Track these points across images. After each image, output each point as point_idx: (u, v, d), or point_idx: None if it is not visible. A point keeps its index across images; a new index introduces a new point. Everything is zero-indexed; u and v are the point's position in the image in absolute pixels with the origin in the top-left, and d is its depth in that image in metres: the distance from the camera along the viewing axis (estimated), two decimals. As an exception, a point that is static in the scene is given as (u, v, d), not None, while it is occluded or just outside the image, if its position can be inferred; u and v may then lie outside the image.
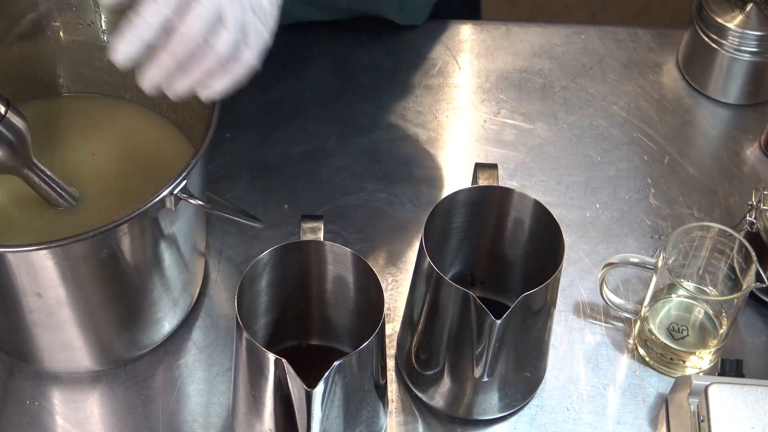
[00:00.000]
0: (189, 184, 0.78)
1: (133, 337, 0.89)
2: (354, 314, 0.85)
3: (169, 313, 0.90)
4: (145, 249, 0.81)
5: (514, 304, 0.77)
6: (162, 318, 0.89)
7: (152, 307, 0.87)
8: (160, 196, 0.76)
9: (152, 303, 0.87)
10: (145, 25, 0.70)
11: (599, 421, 0.90)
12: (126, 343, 0.89)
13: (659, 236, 1.02)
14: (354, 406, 0.79)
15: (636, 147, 1.09)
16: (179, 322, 0.92)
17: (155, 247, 0.82)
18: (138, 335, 0.89)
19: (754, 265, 0.87)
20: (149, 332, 0.90)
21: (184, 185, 0.77)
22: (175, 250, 0.85)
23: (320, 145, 1.08)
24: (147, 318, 0.88)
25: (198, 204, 0.79)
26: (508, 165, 1.07)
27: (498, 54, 1.17)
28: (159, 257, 0.83)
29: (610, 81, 1.15)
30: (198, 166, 0.80)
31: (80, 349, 0.87)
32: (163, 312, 0.89)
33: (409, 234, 1.01)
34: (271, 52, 0.81)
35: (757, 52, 1.08)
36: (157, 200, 0.76)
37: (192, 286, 0.93)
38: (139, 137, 0.95)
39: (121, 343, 0.89)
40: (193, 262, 0.90)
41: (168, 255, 0.84)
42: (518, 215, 0.86)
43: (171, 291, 0.88)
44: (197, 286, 0.94)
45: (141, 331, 0.89)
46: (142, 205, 0.76)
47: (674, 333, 0.92)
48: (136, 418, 0.89)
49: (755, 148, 1.10)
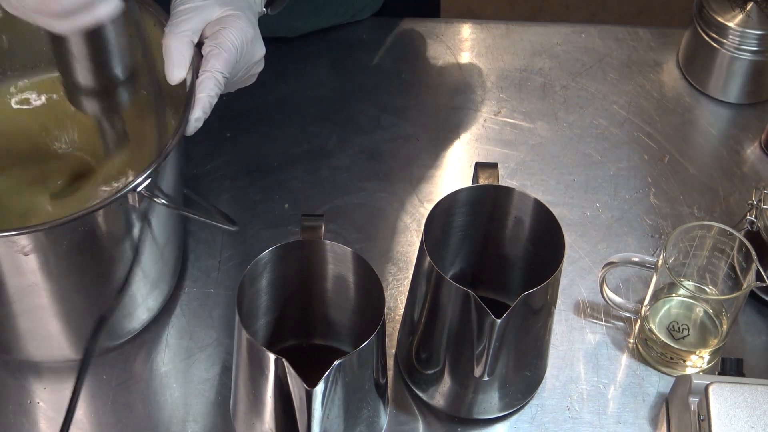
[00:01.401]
0: (159, 182, 0.79)
1: (110, 326, 0.89)
2: (354, 314, 0.85)
3: (145, 302, 0.90)
4: (113, 240, 0.82)
5: (515, 304, 0.77)
6: (137, 308, 0.90)
7: (127, 296, 0.87)
8: (121, 194, 0.77)
9: (126, 292, 0.87)
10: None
11: (599, 420, 0.90)
12: (104, 331, 0.90)
13: (659, 235, 1.02)
14: (354, 406, 0.79)
15: (636, 146, 1.09)
16: (158, 311, 0.93)
17: (123, 239, 0.83)
18: (114, 324, 0.89)
19: (754, 264, 0.87)
20: (125, 321, 0.90)
21: (148, 183, 0.78)
22: (149, 241, 0.85)
23: (320, 145, 1.08)
24: (122, 307, 0.88)
25: (163, 203, 0.80)
26: (509, 164, 1.07)
27: (498, 53, 1.17)
28: (128, 249, 0.84)
29: (610, 80, 1.15)
30: (170, 165, 0.80)
31: (58, 337, 0.87)
32: (138, 301, 0.89)
33: (409, 233, 1.01)
34: (271, 53, 0.81)
35: (758, 51, 1.08)
36: (119, 196, 0.77)
37: (167, 276, 0.93)
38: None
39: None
40: (167, 252, 0.90)
41: (141, 246, 0.85)
42: (518, 214, 0.86)
43: (145, 281, 0.88)
44: (174, 277, 0.95)
45: (117, 319, 0.89)
46: (101, 202, 0.76)
47: (674, 332, 0.92)
48: (132, 415, 0.89)
49: (755, 147, 1.10)
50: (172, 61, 0.82)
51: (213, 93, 0.83)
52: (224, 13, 0.84)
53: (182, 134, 0.81)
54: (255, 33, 0.86)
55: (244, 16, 0.85)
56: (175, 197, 0.85)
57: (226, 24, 0.84)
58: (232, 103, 0.97)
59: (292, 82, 1.13)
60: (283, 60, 1.14)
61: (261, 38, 0.87)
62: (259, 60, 0.88)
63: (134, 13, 0.85)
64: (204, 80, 0.82)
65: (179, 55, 0.83)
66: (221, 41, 0.83)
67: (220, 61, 0.83)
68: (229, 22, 0.84)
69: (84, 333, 0.88)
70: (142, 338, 0.93)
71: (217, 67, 0.82)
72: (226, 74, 0.83)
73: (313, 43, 1.16)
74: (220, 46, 0.83)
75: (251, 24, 0.85)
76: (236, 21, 0.84)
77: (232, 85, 0.88)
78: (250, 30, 0.85)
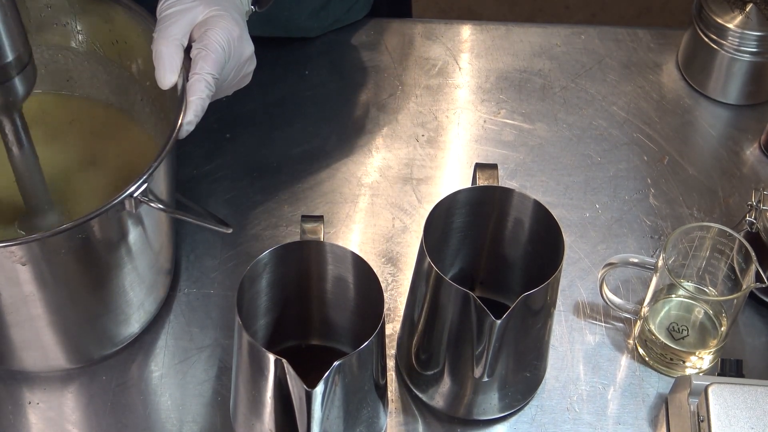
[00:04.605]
0: (153, 187, 0.79)
1: (104, 334, 0.90)
2: (354, 314, 0.85)
3: (142, 306, 0.90)
4: (109, 247, 0.82)
5: (514, 304, 0.77)
6: (133, 313, 0.90)
7: (121, 304, 0.88)
8: (119, 199, 0.77)
9: (123, 297, 0.87)
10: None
11: (599, 421, 0.90)
12: (97, 339, 0.90)
13: (659, 236, 1.02)
14: (354, 406, 0.79)
15: (636, 147, 1.09)
16: (155, 314, 0.93)
17: (118, 245, 0.83)
18: (111, 329, 0.90)
19: (753, 265, 0.87)
20: (122, 327, 0.90)
21: (145, 188, 0.78)
22: (144, 246, 0.85)
23: (320, 145, 1.08)
24: (116, 315, 0.88)
25: (159, 208, 0.80)
26: (508, 165, 1.07)
27: (498, 54, 1.18)
28: (123, 255, 0.84)
29: (610, 81, 1.15)
30: (163, 169, 0.81)
31: (51, 347, 0.87)
32: (132, 309, 0.89)
33: (409, 234, 1.01)
34: (271, 53, 0.81)
35: (757, 53, 1.08)
36: (116, 202, 0.77)
37: (163, 279, 0.93)
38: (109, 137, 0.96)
39: (92, 340, 0.90)
40: (162, 256, 0.90)
41: (136, 251, 0.85)
42: (518, 215, 0.86)
43: (142, 285, 0.88)
44: (170, 279, 0.95)
45: (114, 325, 0.89)
46: (100, 208, 0.77)
47: (674, 333, 0.92)
48: (132, 416, 0.89)
49: (755, 148, 1.10)
50: (164, 66, 0.83)
51: (204, 95, 0.83)
52: (209, 14, 0.85)
53: (176, 138, 0.81)
54: (241, 31, 0.86)
55: (229, 16, 0.85)
56: (169, 201, 0.85)
57: (212, 25, 0.84)
58: (232, 103, 0.97)
59: (292, 82, 1.13)
60: (283, 60, 1.14)
61: (248, 36, 0.87)
62: (249, 58, 0.88)
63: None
64: (194, 83, 0.82)
65: (170, 59, 0.83)
66: (207, 43, 0.83)
67: (208, 63, 0.83)
68: (214, 22, 0.84)
69: (79, 342, 0.89)
70: (141, 339, 0.93)
71: (206, 68, 0.83)
72: (216, 75, 0.83)
73: (313, 44, 1.16)
74: (207, 47, 0.83)
75: (237, 23, 0.85)
76: (221, 21, 0.84)
77: (227, 87, 0.88)
78: (236, 29, 0.85)
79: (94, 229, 0.79)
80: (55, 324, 0.85)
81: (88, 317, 0.87)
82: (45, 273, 0.79)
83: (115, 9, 0.90)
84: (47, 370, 0.91)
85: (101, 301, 0.86)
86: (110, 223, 0.80)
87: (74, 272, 0.82)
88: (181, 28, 0.84)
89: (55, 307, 0.83)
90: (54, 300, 0.83)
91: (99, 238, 0.80)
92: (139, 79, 0.93)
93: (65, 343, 0.88)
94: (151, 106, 0.94)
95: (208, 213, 0.86)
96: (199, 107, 0.82)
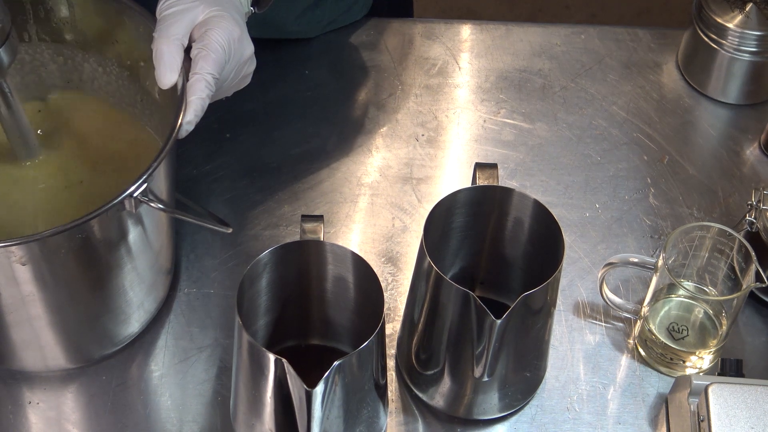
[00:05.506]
0: (153, 187, 0.79)
1: (104, 334, 0.89)
2: (354, 314, 0.85)
3: (141, 306, 0.90)
4: (109, 247, 0.82)
5: (514, 304, 0.77)
6: (133, 313, 0.90)
7: (121, 303, 0.87)
8: (119, 199, 0.77)
9: (123, 297, 0.87)
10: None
11: (599, 421, 0.90)
12: (97, 339, 0.90)
13: (659, 236, 1.02)
14: (354, 406, 0.79)
15: (636, 147, 1.09)
16: (155, 313, 0.93)
17: (118, 245, 0.82)
18: (108, 332, 0.89)
19: (753, 264, 0.87)
20: (122, 326, 0.90)
21: (145, 188, 0.78)
22: (144, 246, 0.85)
23: (320, 145, 1.08)
24: (116, 315, 0.88)
25: (159, 208, 0.80)
26: (508, 165, 1.07)
27: (498, 54, 1.18)
28: (123, 255, 0.84)
29: (609, 81, 1.15)
30: (163, 168, 0.81)
31: (51, 347, 0.87)
32: (132, 309, 0.89)
33: (409, 234, 1.01)
34: (271, 53, 0.81)
35: (757, 52, 1.08)
36: (116, 202, 0.77)
37: (163, 279, 0.93)
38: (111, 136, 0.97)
39: (92, 340, 0.90)
40: (162, 256, 0.90)
41: (136, 251, 0.85)
42: (518, 215, 0.86)
43: (141, 285, 0.88)
44: (170, 278, 0.95)
45: (111, 327, 0.89)
46: (100, 207, 0.77)
47: (674, 333, 0.92)
48: (132, 416, 0.89)
49: (755, 147, 1.10)
50: (164, 65, 0.83)
51: (204, 95, 0.83)
52: (209, 14, 0.85)
53: (175, 138, 0.81)
54: (242, 32, 0.86)
55: (230, 16, 0.85)
56: (168, 201, 0.85)
57: (212, 25, 0.84)
58: (232, 103, 0.97)
59: (292, 82, 1.13)
60: (283, 60, 1.14)
61: (248, 36, 0.87)
62: (248, 58, 0.88)
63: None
64: (194, 83, 0.82)
65: (170, 59, 0.83)
66: (208, 42, 0.83)
67: (208, 63, 0.83)
68: (214, 23, 0.84)
69: (79, 342, 0.88)
70: (141, 339, 0.93)
71: (206, 68, 0.83)
72: (216, 75, 0.83)
73: (313, 44, 1.16)
74: (208, 47, 0.83)
75: (237, 23, 0.85)
76: (221, 21, 0.84)
77: (227, 87, 0.88)
78: (236, 29, 0.85)
79: (94, 229, 0.79)
80: (55, 324, 0.85)
81: (87, 317, 0.87)
82: (45, 273, 0.79)
83: (115, 9, 0.90)
84: (47, 370, 0.91)
85: (101, 300, 0.86)
86: (110, 222, 0.79)
87: (74, 272, 0.82)
88: (181, 27, 0.84)
89: (55, 307, 0.83)
90: (54, 300, 0.83)
91: (99, 237, 0.80)
92: (139, 78, 0.93)
93: (65, 343, 0.88)
94: (151, 106, 0.94)
95: (208, 213, 0.86)
96: (199, 107, 0.82)
